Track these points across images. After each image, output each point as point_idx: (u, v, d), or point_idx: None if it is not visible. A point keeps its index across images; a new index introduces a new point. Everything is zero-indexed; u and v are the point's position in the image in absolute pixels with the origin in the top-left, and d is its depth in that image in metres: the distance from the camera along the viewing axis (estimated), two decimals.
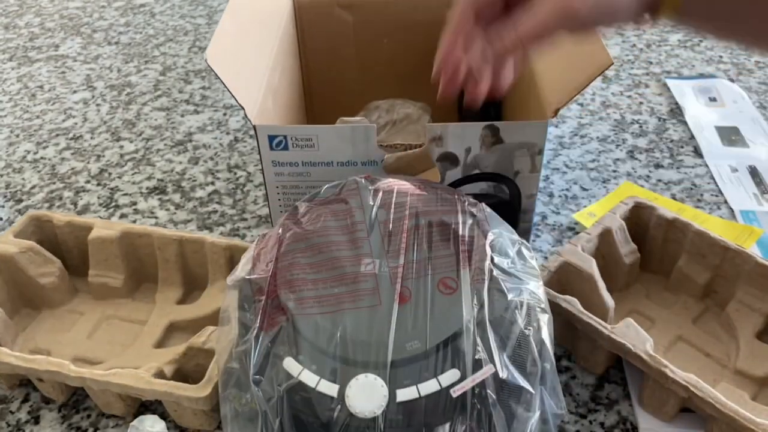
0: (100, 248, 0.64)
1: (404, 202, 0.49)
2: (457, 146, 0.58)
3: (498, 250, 0.46)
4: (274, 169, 0.61)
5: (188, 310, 0.63)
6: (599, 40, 0.55)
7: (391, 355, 0.40)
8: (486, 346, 0.41)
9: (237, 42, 0.61)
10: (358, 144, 0.58)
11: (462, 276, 0.44)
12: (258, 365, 0.42)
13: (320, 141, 0.58)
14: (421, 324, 0.41)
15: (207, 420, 0.54)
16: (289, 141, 0.58)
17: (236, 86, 0.56)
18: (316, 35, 0.81)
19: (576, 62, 0.57)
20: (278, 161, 0.60)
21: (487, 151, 0.58)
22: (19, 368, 0.54)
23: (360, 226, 0.48)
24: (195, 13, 1.20)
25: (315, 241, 0.47)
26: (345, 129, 0.58)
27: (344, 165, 0.60)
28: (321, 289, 0.44)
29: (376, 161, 0.59)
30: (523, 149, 0.58)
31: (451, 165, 0.59)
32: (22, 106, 0.97)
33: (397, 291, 0.43)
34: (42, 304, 0.64)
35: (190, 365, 0.56)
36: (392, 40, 0.82)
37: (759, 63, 1.00)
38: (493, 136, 0.57)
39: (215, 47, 0.56)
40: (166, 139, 0.89)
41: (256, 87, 0.62)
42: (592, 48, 0.55)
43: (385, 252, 0.46)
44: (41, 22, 1.19)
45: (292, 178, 0.61)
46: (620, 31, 1.08)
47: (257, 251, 0.48)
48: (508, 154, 0.59)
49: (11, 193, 0.81)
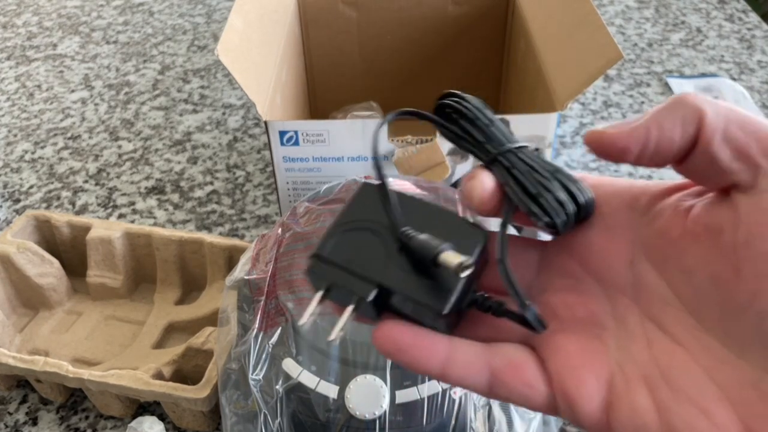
0: (99, 248, 0.63)
1: None
2: None
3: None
4: (285, 164, 0.60)
5: (187, 311, 0.63)
6: (608, 33, 0.55)
7: None
8: None
9: (245, 38, 0.61)
10: (368, 138, 0.58)
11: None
12: (257, 366, 0.42)
13: (331, 136, 0.58)
14: None
15: (206, 421, 0.53)
16: (300, 136, 0.58)
17: (247, 82, 0.56)
18: (320, 31, 0.81)
19: (585, 56, 0.56)
20: (289, 157, 0.60)
21: None
22: (17, 369, 0.54)
23: None
24: (194, 12, 1.19)
25: (314, 242, 0.46)
26: (356, 124, 0.58)
27: (355, 160, 0.60)
28: None
29: (386, 156, 0.59)
30: (533, 142, 0.58)
31: (461, 159, 0.59)
32: (19, 106, 0.96)
33: None
34: (40, 304, 0.64)
35: (188, 366, 0.56)
36: (395, 37, 0.81)
37: (761, 62, 1.00)
38: None
39: (225, 43, 0.56)
40: (164, 138, 0.88)
41: (266, 83, 0.62)
42: (602, 41, 0.55)
43: None
44: (39, 21, 1.19)
45: (303, 173, 0.61)
46: (621, 30, 1.08)
47: (256, 251, 0.48)
48: None
49: (9, 192, 0.81)
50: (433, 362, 0.26)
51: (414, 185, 0.51)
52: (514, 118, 0.57)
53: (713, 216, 0.24)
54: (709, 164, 0.24)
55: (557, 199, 0.26)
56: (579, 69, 0.56)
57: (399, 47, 0.82)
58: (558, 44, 0.64)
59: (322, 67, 0.83)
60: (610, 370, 0.26)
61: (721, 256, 0.23)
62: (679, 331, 0.25)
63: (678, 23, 1.10)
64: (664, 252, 0.26)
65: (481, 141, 0.28)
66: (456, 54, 0.83)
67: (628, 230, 0.27)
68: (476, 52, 0.83)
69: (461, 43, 0.83)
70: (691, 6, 1.15)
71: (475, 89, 0.89)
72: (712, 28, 1.09)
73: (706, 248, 0.24)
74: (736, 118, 0.24)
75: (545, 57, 0.64)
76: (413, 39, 0.81)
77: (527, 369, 0.26)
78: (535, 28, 0.70)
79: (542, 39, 0.67)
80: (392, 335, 0.25)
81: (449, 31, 0.82)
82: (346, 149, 0.59)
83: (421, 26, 0.81)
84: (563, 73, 0.60)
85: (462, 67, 0.85)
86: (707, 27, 1.09)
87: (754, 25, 1.09)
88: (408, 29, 0.81)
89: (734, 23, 1.10)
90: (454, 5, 0.80)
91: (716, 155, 0.24)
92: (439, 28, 0.81)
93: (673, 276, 0.25)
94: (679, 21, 1.11)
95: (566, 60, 0.61)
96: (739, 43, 1.04)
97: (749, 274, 0.23)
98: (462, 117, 0.29)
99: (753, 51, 1.02)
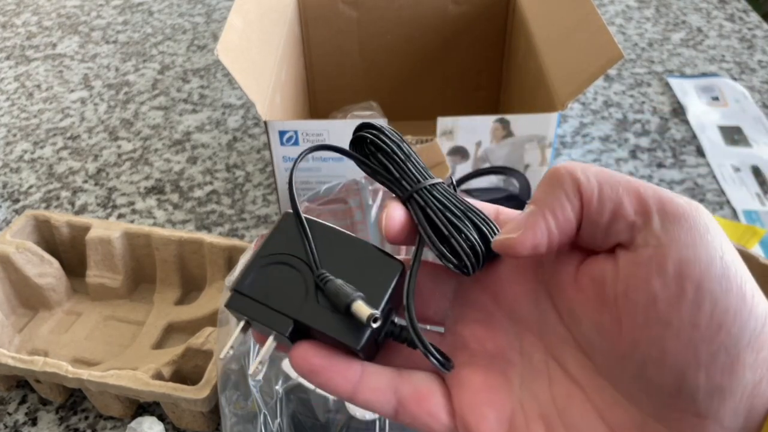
0: (98, 248, 0.63)
1: None
2: (468, 140, 0.58)
3: None
4: (285, 164, 0.60)
5: (186, 311, 0.62)
6: (608, 33, 0.55)
7: None
8: None
9: (245, 38, 0.61)
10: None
11: None
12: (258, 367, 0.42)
13: (331, 136, 0.59)
14: None
15: (205, 422, 0.53)
16: (300, 136, 0.58)
17: (246, 82, 0.56)
18: (319, 31, 0.81)
19: (585, 55, 0.56)
20: (289, 156, 0.60)
21: (497, 144, 0.58)
22: (16, 369, 0.54)
23: (360, 226, 0.48)
24: (193, 11, 1.19)
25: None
26: (356, 124, 0.58)
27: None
28: None
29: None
30: (533, 142, 0.58)
31: (461, 159, 0.60)
32: (19, 106, 0.96)
33: None
34: (39, 304, 0.64)
35: (188, 366, 0.56)
36: (395, 36, 0.81)
37: (762, 62, 1.00)
38: (503, 129, 0.58)
39: (225, 43, 0.55)
40: (164, 138, 0.88)
41: (265, 83, 0.62)
42: (602, 41, 0.55)
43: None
44: (38, 21, 1.19)
45: (303, 173, 0.61)
46: (622, 29, 1.08)
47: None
48: (518, 147, 0.59)
49: (8, 192, 0.80)
50: (343, 386, 0.27)
51: None
52: (514, 118, 0.57)
53: (598, 269, 0.25)
54: (594, 229, 0.25)
55: (468, 240, 0.26)
56: (579, 68, 0.56)
57: (399, 47, 0.82)
58: (558, 44, 0.64)
59: (321, 66, 0.83)
60: (512, 408, 0.27)
61: (604, 307, 0.25)
62: (578, 371, 0.27)
63: (678, 23, 1.10)
64: (559, 296, 0.27)
65: (397, 177, 0.28)
66: (456, 53, 0.83)
67: (535, 269, 0.28)
68: (476, 52, 0.83)
69: (461, 43, 0.82)
70: (691, 6, 1.15)
71: (475, 89, 0.89)
72: (712, 27, 1.09)
73: (592, 299, 0.25)
74: (606, 179, 0.25)
75: (546, 56, 0.64)
76: (413, 38, 0.81)
77: (432, 399, 0.27)
78: (535, 27, 0.70)
79: (543, 38, 0.67)
80: (307, 357, 0.27)
81: (449, 30, 0.82)
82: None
83: (421, 26, 0.81)
84: (564, 73, 0.60)
85: (462, 67, 0.84)
86: (708, 27, 1.09)
87: (755, 25, 1.09)
88: (408, 29, 0.80)
89: (735, 23, 1.10)
90: (454, 4, 0.80)
91: (597, 220, 0.25)
92: (439, 27, 0.81)
93: (567, 319, 0.27)
94: (679, 21, 1.11)
95: (567, 59, 0.61)
96: (740, 43, 1.04)
97: (628, 325, 0.24)
98: (379, 150, 0.29)
99: (753, 51, 1.02)
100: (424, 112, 0.74)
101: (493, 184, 0.61)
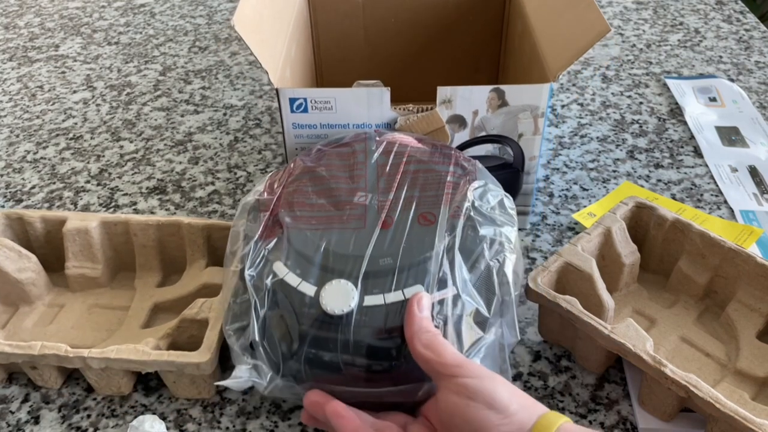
0: (76, 239, 0.63)
1: (404, 151, 0.56)
2: (465, 108, 0.62)
3: (479, 196, 0.52)
4: (294, 131, 0.64)
5: (171, 291, 0.63)
6: (597, 10, 0.59)
7: (365, 267, 0.47)
8: (451, 271, 0.47)
9: (258, 13, 0.64)
10: (373, 106, 0.62)
11: (441, 211, 0.50)
12: (253, 264, 0.49)
13: (338, 103, 0.62)
14: (396, 245, 0.48)
15: (206, 388, 0.55)
16: (309, 103, 0.62)
17: (260, 51, 0.59)
18: (327, 15, 0.84)
19: (576, 30, 0.60)
20: (298, 123, 0.63)
21: (493, 113, 0.62)
22: (14, 356, 0.54)
23: (360, 167, 0.55)
24: (195, 13, 1.20)
25: (319, 174, 0.54)
26: (361, 92, 0.61)
27: (359, 126, 0.63)
28: (316, 212, 0.51)
29: (389, 123, 0.63)
30: (527, 111, 0.62)
31: (459, 127, 0.63)
32: (22, 106, 0.97)
33: (381, 218, 0.50)
34: (19, 299, 0.64)
35: (183, 338, 0.57)
36: (400, 20, 0.85)
37: (759, 63, 1.00)
38: (499, 99, 0.61)
39: (241, 14, 0.59)
40: (166, 139, 0.89)
41: (277, 56, 0.65)
42: (591, 17, 0.59)
43: (377, 188, 0.52)
44: (41, 22, 1.20)
45: (311, 140, 0.64)
46: (620, 30, 1.09)
47: (271, 180, 0.56)
48: (512, 117, 0.62)
49: (11, 193, 0.81)
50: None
51: (416, 140, 0.57)
52: (509, 88, 0.61)
53: (436, 401, 0.43)
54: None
55: None
56: (570, 43, 0.60)
57: (403, 30, 0.86)
58: (551, 23, 0.68)
59: (328, 49, 0.87)
60: None
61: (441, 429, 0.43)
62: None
63: (676, 24, 1.11)
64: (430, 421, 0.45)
65: None
66: (457, 37, 0.87)
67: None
68: (476, 35, 0.86)
69: (462, 27, 0.86)
70: (689, 7, 1.16)
71: (475, 70, 0.92)
72: (710, 29, 1.09)
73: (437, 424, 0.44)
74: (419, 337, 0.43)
75: (540, 36, 0.68)
76: (417, 22, 0.85)
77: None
78: (531, 9, 0.73)
79: (537, 19, 0.71)
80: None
81: (451, 14, 0.85)
82: (352, 116, 0.62)
83: (425, 10, 0.84)
84: (556, 48, 0.63)
85: (463, 50, 0.88)
86: (705, 28, 1.10)
87: (752, 26, 1.10)
88: (412, 13, 0.84)
89: (732, 24, 1.11)
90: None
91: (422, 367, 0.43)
92: (441, 12, 0.85)
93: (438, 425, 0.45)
94: (677, 22, 1.11)
95: (558, 36, 0.64)
96: (737, 44, 1.05)
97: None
98: None
99: (751, 52, 1.03)
100: (426, 94, 0.77)
101: (489, 152, 0.65)
